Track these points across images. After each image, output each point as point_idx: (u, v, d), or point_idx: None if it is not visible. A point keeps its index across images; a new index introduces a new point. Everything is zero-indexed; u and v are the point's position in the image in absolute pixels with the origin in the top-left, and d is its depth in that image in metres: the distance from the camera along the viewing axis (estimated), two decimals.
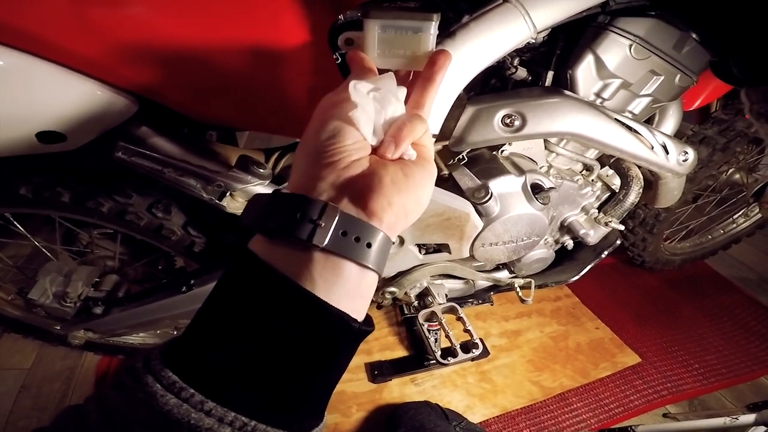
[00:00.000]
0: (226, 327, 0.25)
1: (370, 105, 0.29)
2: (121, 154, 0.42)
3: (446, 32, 0.44)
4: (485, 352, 1.02)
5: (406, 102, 0.32)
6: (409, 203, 0.28)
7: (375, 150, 0.30)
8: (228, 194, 0.47)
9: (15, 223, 0.61)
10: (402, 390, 0.92)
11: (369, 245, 0.26)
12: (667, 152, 0.57)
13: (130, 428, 0.22)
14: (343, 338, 0.26)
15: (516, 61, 0.53)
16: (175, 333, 0.83)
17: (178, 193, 0.48)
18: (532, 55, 0.54)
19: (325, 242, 0.25)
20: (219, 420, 0.22)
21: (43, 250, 0.65)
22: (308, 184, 0.28)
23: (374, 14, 0.34)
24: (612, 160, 0.65)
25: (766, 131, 0.27)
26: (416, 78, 0.34)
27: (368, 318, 0.29)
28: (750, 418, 0.66)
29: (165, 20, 0.36)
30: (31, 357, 0.85)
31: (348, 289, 0.26)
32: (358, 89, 0.28)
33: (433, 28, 0.33)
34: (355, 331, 0.26)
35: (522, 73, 0.54)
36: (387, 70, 0.32)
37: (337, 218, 0.26)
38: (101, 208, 0.51)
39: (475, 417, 0.91)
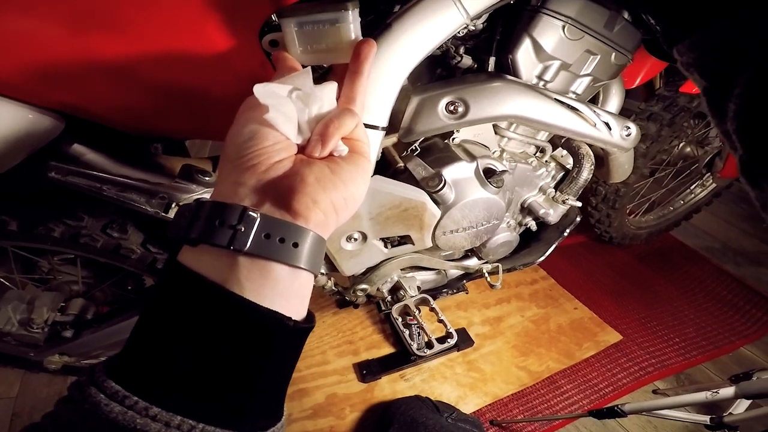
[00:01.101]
0: (162, 337, 0.24)
1: (288, 104, 0.28)
2: (54, 174, 0.40)
3: (382, 24, 0.43)
4: (469, 341, 1.00)
5: (338, 97, 0.31)
6: (337, 200, 0.27)
7: (302, 149, 0.29)
8: (173, 206, 0.45)
9: None
10: (393, 387, 0.90)
11: (296, 245, 0.25)
12: (610, 128, 0.57)
13: None
14: (278, 337, 0.25)
15: (461, 50, 0.52)
16: None
17: (133, 210, 0.45)
18: (474, 42, 0.54)
19: (247, 246, 0.24)
20: (166, 424, 0.22)
21: (3, 281, 0.61)
22: (229, 190, 0.27)
23: (289, 12, 0.33)
24: (563, 141, 0.65)
25: (698, 82, 0.26)
26: (344, 73, 0.32)
27: (310, 315, 0.28)
28: (730, 391, 0.65)
29: (81, 35, 0.34)
30: (15, 385, 0.83)
31: (280, 289, 0.25)
32: (265, 91, 0.27)
33: (351, 17, 0.32)
34: (290, 329, 0.25)
35: (467, 60, 0.53)
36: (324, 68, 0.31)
37: (257, 221, 0.25)
38: (52, 234, 0.49)
39: (467, 407, 0.89)
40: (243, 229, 0.24)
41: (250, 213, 0.25)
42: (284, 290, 0.25)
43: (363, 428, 0.82)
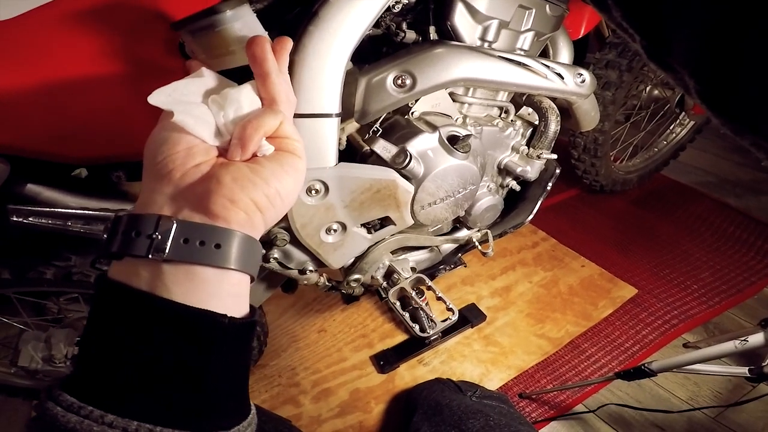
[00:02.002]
0: (105, 348, 0.24)
1: (200, 108, 0.27)
2: (15, 218, 0.40)
3: (310, 12, 0.42)
4: (481, 316, 0.98)
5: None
6: (258, 198, 0.26)
7: (224, 153, 0.28)
8: None
9: None
10: (413, 373, 0.88)
11: (218, 246, 0.25)
12: (563, 78, 0.56)
13: None
14: (215, 334, 0.25)
15: (403, 25, 0.52)
16: None
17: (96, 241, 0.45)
18: (413, 15, 0.53)
19: (166, 253, 0.24)
20: (123, 430, 0.22)
21: (19, 326, 0.63)
22: (148, 199, 0.26)
23: (181, 23, 0.32)
24: (524, 98, 0.64)
25: (609, 19, 0.25)
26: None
27: (252, 310, 0.28)
28: (759, 337, 0.59)
29: (6, 73, 0.34)
30: None
31: (210, 291, 0.25)
32: (161, 98, 0.26)
33: (227, 18, 0.30)
34: (225, 326, 0.25)
35: (411, 35, 0.53)
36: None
37: (174, 228, 0.24)
38: (45, 276, 0.49)
39: (492, 383, 0.87)
40: (159, 237, 0.24)
41: (165, 220, 0.24)
42: (214, 291, 0.25)
43: (391, 418, 0.81)
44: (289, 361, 0.89)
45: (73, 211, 0.42)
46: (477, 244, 0.67)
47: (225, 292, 0.25)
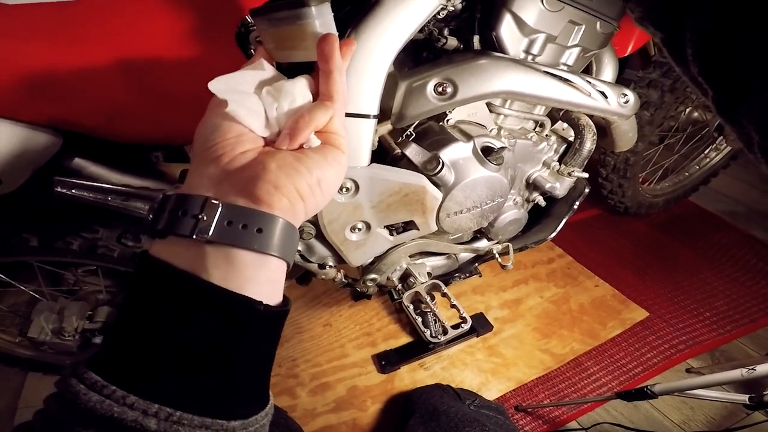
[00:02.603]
0: (137, 327, 0.25)
1: (252, 98, 0.29)
2: (59, 189, 0.42)
3: (359, 13, 0.43)
4: (488, 326, 0.99)
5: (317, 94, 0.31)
6: (301, 186, 0.28)
7: (272, 142, 0.30)
8: None
9: None
10: (412, 376, 0.90)
11: (260, 231, 0.26)
12: (607, 97, 0.56)
13: (69, 429, 0.22)
14: (250, 321, 0.26)
15: (445, 32, 0.52)
16: None
17: (133, 217, 0.47)
18: (458, 22, 0.54)
19: (210, 234, 0.25)
20: (143, 412, 0.22)
21: (34, 294, 0.65)
22: (195, 182, 0.28)
23: (260, 11, 0.33)
24: (562, 114, 0.64)
25: (655, 35, 0.26)
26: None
27: (286, 300, 0.29)
28: (767, 367, 0.61)
29: (63, 50, 0.36)
30: None
31: (247, 275, 0.26)
32: (220, 87, 0.28)
33: (313, 13, 0.31)
34: (261, 313, 0.26)
35: (453, 42, 0.53)
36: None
37: (219, 210, 0.25)
38: (71, 247, 0.51)
39: (491, 393, 0.88)
40: (205, 217, 0.25)
41: (212, 202, 0.25)
42: (252, 276, 0.26)
43: (385, 419, 0.83)
44: (291, 351, 0.92)
45: (114, 186, 0.44)
46: (497, 256, 0.68)
47: (263, 277, 0.26)
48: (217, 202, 0.25)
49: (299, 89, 0.30)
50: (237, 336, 0.25)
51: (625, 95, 0.57)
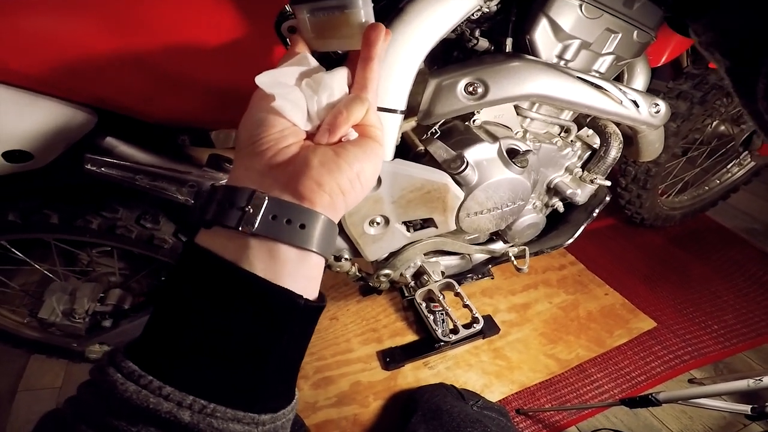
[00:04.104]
0: (178, 316, 0.26)
1: (295, 92, 0.30)
2: (89, 166, 0.44)
3: (396, 8, 0.44)
4: (495, 329, 1.01)
5: (352, 84, 0.33)
6: (343, 182, 0.29)
7: (312, 136, 0.31)
8: None
9: (13, 250, 0.63)
10: (416, 375, 0.93)
11: (303, 226, 0.27)
12: (638, 106, 0.57)
13: (101, 419, 0.23)
14: (290, 314, 0.27)
15: (477, 32, 0.54)
16: None
17: (165, 202, 0.49)
18: (490, 24, 0.55)
19: (255, 227, 0.26)
20: (178, 404, 0.23)
21: (47, 273, 0.67)
22: (241, 175, 0.29)
23: None
24: (588, 120, 0.65)
25: (719, 62, 0.27)
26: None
27: (321, 296, 0.30)
28: None
29: (110, 31, 0.37)
30: (60, 376, 0.88)
31: (289, 270, 0.27)
32: (268, 81, 0.29)
33: (360, 2, 0.33)
34: (301, 307, 0.27)
35: (484, 43, 0.55)
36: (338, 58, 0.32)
37: (265, 203, 0.26)
38: (91, 225, 0.53)
39: (493, 395, 0.91)
40: (251, 210, 0.26)
41: (258, 194, 0.27)
42: (293, 271, 0.27)
43: (387, 416, 0.85)
44: None
45: (142, 166, 0.46)
46: (513, 258, 0.70)
47: (302, 273, 0.27)
48: (263, 195, 0.27)
49: (337, 82, 0.32)
50: (276, 329, 0.26)
51: (657, 105, 0.59)
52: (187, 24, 0.39)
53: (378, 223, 0.57)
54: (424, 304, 0.66)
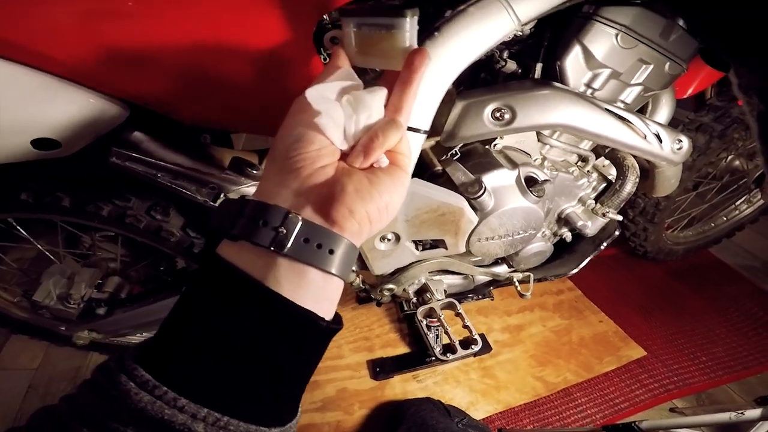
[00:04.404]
0: (196, 327, 0.26)
1: (338, 110, 0.29)
2: (115, 159, 0.43)
3: (430, 28, 0.44)
4: (487, 348, 1.02)
5: (386, 104, 0.32)
6: (372, 211, 0.29)
7: (345, 155, 0.31)
8: (222, 196, 0.48)
9: (18, 227, 0.62)
10: (404, 387, 0.93)
11: (331, 252, 0.27)
12: (661, 141, 0.57)
13: (105, 423, 0.23)
14: (311, 335, 0.27)
15: (505, 54, 0.53)
16: None
17: (176, 195, 0.49)
18: (520, 47, 0.55)
19: (287, 248, 0.26)
20: (192, 416, 0.23)
21: (47, 253, 0.66)
22: (273, 190, 0.29)
23: (350, 12, 0.34)
24: (607, 151, 0.65)
25: (752, 106, 0.27)
26: (396, 79, 0.33)
27: (337, 317, 0.30)
28: (756, 412, 0.65)
29: (146, 26, 0.37)
30: (38, 357, 0.87)
31: (313, 292, 0.27)
32: (316, 96, 0.28)
33: (408, 25, 0.33)
34: (322, 329, 0.27)
35: (512, 65, 0.54)
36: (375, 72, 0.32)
37: (299, 226, 0.27)
38: (101, 212, 0.53)
39: (478, 413, 0.91)
40: (285, 231, 0.26)
41: (293, 216, 0.26)
42: (317, 293, 0.27)
43: (370, 425, 0.85)
44: None
45: (165, 164, 0.45)
46: (516, 283, 0.70)
47: (325, 295, 0.28)
48: (297, 217, 0.27)
49: (376, 102, 0.31)
50: (297, 348, 0.27)
51: (680, 141, 0.58)
52: (227, 26, 0.39)
53: (389, 240, 0.56)
54: (424, 321, 0.66)
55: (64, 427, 0.23)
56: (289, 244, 0.26)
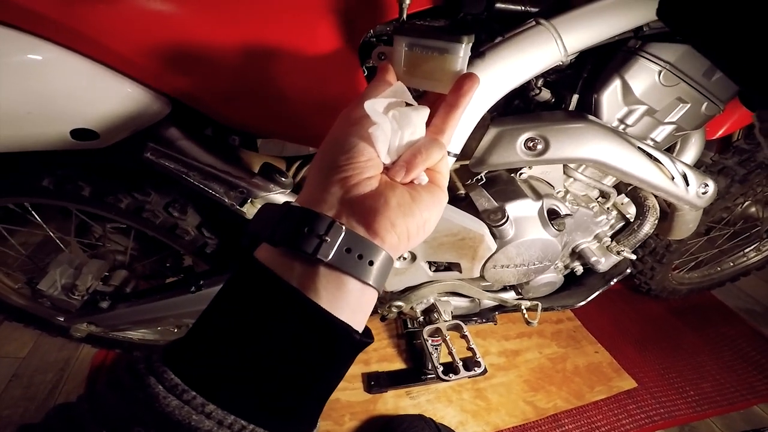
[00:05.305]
0: (230, 331, 0.26)
1: (388, 124, 0.30)
2: (149, 155, 0.43)
3: (476, 52, 0.44)
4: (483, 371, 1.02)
5: (428, 124, 0.33)
6: (412, 227, 0.29)
7: (386, 169, 0.31)
8: (249, 201, 0.48)
9: (33, 212, 0.61)
10: (397, 402, 0.93)
11: (371, 263, 0.27)
12: (688, 183, 0.57)
13: (128, 428, 0.23)
14: (345, 348, 0.27)
15: (540, 83, 0.54)
16: (176, 331, 0.83)
17: (194, 194, 0.49)
18: (557, 76, 0.55)
19: (330, 257, 0.26)
20: (218, 423, 0.23)
21: (56, 240, 0.66)
22: (318, 197, 0.29)
23: (404, 31, 0.34)
24: (629, 188, 0.66)
25: None
26: (441, 101, 0.34)
27: (367, 330, 0.30)
28: None
29: (202, 24, 0.37)
30: (27, 346, 0.86)
31: (349, 302, 0.27)
32: (373, 107, 0.29)
33: (462, 51, 0.33)
34: (356, 342, 0.27)
35: (546, 94, 0.54)
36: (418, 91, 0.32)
37: (342, 235, 0.27)
38: (119, 204, 0.52)
39: None
40: (329, 240, 0.26)
41: (338, 226, 0.27)
42: (353, 304, 0.27)
43: None
44: None
45: (199, 164, 0.45)
46: (524, 311, 0.71)
47: (360, 307, 0.28)
48: (341, 227, 0.27)
49: (420, 121, 0.31)
50: (328, 360, 0.27)
51: (707, 186, 0.57)
52: (281, 32, 0.38)
53: (405, 258, 0.56)
54: (429, 340, 0.67)
55: (82, 428, 0.23)
56: (332, 253, 0.26)
